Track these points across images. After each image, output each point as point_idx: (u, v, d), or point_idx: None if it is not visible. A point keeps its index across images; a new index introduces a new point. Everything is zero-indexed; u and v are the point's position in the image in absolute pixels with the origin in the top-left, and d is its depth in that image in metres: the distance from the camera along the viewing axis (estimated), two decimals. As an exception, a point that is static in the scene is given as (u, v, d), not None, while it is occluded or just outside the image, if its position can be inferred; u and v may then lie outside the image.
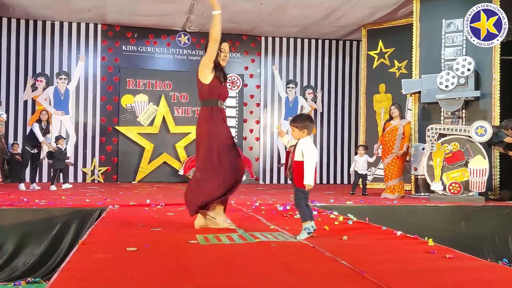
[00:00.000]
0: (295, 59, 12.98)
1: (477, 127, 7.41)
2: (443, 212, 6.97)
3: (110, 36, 11.99)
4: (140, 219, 4.80)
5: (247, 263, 2.85)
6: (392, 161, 8.19)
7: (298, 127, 3.76)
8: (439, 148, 7.65)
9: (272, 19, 11.22)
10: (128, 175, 11.94)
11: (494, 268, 2.78)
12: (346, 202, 6.92)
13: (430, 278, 2.51)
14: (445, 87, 8.39)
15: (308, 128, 3.76)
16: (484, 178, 7.33)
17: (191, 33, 12.38)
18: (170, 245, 3.42)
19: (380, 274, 2.49)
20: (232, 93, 12.56)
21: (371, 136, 11.20)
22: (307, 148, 3.70)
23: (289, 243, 3.46)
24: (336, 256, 2.93)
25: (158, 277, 2.50)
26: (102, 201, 6.43)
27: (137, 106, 12.10)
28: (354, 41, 13.10)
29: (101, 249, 3.15)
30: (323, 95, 13.12)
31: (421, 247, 3.36)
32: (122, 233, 3.89)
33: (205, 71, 4.13)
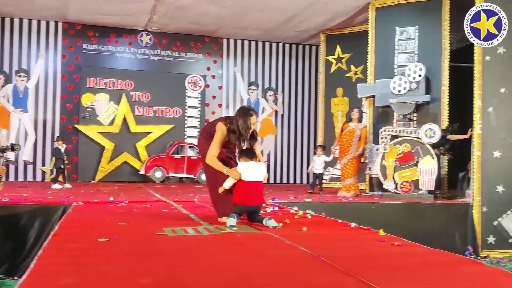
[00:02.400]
0: (257, 61, 13.29)
1: (426, 129, 7.90)
2: (395, 209, 7.41)
3: (71, 34, 11.92)
4: (106, 214, 4.93)
5: (215, 249, 3.08)
6: (348, 161, 8.60)
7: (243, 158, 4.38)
8: (392, 149, 8.10)
9: (235, 22, 11.47)
10: (88, 174, 11.89)
11: (436, 252, 3.11)
12: (305, 200, 7.24)
13: (378, 260, 2.82)
14: (398, 91, 8.87)
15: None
16: (433, 177, 7.82)
17: (153, 33, 12.47)
18: (140, 236, 3.60)
19: (334, 258, 2.76)
20: (194, 93, 12.73)
21: (328, 138, 11.62)
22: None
23: (254, 234, 3.71)
24: (296, 243, 3.20)
25: (135, 261, 2.69)
26: (65, 199, 6.48)
27: (97, 105, 12.07)
28: (313, 46, 13.52)
29: (73, 240, 3.30)
30: (284, 97, 13.48)
31: (373, 237, 3.67)
32: (91, 226, 4.03)
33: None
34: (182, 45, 12.72)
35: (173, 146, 11.97)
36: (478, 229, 7.63)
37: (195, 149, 12.01)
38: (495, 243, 7.63)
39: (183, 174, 11.88)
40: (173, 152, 11.90)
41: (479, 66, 7.70)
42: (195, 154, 11.90)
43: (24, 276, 2.26)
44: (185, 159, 11.86)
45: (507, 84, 7.64)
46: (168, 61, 12.68)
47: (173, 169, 11.83)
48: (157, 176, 11.65)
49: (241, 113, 4.39)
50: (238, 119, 4.33)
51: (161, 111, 12.49)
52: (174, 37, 12.61)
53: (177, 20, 11.48)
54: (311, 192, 9.13)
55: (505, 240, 7.60)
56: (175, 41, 12.65)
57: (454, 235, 7.62)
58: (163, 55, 12.63)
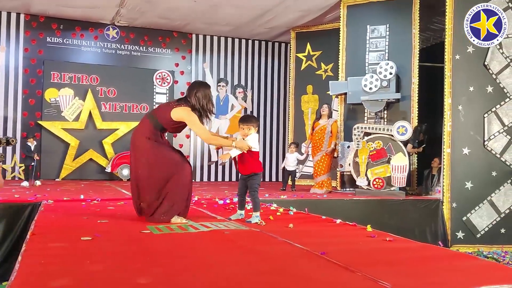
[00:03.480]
0: (226, 58, 13.15)
1: (398, 126, 8.01)
2: (368, 206, 7.47)
3: (34, 27, 11.44)
4: (81, 212, 4.73)
5: (206, 247, 2.97)
6: (321, 158, 8.61)
7: (254, 126, 4.43)
8: (364, 146, 8.16)
9: (205, 17, 11.29)
10: (51, 172, 11.45)
11: (429, 247, 3.12)
12: (280, 197, 7.18)
13: (376, 256, 2.78)
14: (369, 89, 8.94)
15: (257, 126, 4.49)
16: (404, 174, 7.93)
17: (120, 27, 12.13)
18: (123, 234, 3.45)
19: (334, 253, 2.71)
20: (162, 89, 12.48)
21: (299, 135, 11.63)
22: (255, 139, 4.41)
23: (242, 231, 3.62)
24: (289, 240, 3.13)
25: (124, 259, 2.55)
26: (33, 197, 6.19)
27: (61, 101, 11.64)
28: (282, 43, 13.50)
29: (54, 239, 3.12)
30: (253, 94, 13.40)
31: (361, 232, 3.65)
32: (69, 224, 3.84)
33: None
34: (150, 40, 12.43)
35: (141, 143, 11.67)
36: (448, 225, 7.79)
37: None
38: (464, 238, 7.82)
39: (151, 172, 11.59)
40: (141, 149, 11.60)
41: (449, 64, 7.86)
42: (163, 151, 11.65)
43: (12, 278, 2.09)
44: (153, 156, 11.58)
45: (475, 82, 7.83)
46: (136, 56, 12.38)
47: (141, 167, 11.53)
48: (124, 173, 11.36)
49: (197, 85, 4.20)
50: (196, 93, 4.10)
51: (128, 107, 12.18)
52: (141, 31, 12.31)
53: (146, 14, 11.20)
54: (283, 189, 9.09)
55: (473, 235, 7.80)
56: (142, 35, 12.36)
57: (425, 230, 7.75)
58: (130, 50, 12.32)
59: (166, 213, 3.98)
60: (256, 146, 4.36)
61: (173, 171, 4.02)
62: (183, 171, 4.08)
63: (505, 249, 7.73)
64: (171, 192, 4.00)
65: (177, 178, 4.02)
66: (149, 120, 4.13)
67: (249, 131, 4.41)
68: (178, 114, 4.02)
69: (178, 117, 4.03)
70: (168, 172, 4.00)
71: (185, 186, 4.08)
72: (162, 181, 3.98)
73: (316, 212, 6.07)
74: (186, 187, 4.09)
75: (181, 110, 4.02)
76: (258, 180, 4.36)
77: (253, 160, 4.36)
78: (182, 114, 4.02)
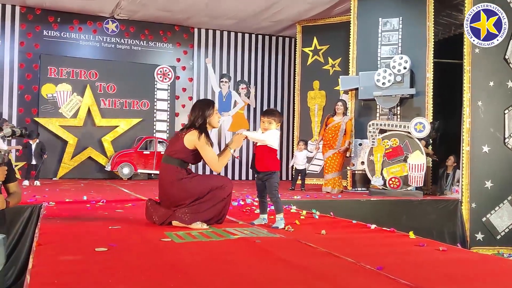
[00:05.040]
0: (229, 53, 12.74)
1: (416, 123, 7.64)
2: (385, 206, 7.10)
3: (30, 19, 10.99)
4: (88, 216, 4.33)
5: (241, 259, 2.58)
6: (333, 155, 8.22)
7: (276, 120, 4.06)
8: (380, 144, 7.80)
9: (208, 10, 10.88)
10: (48, 171, 11.01)
11: (489, 259, 2.75)
12: (293, 197, 6.81)
13: (438, 270, 2.41)
14: (382, 84, 8.58)
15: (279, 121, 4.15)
16: (422, 173, 7.57)
17: (120, 20, 11.70)
18: (142, 243, 3.06)
19: (392, 268, 2.34)
20: (163, 85, 12.07)
21: (305, 132, 11.26)
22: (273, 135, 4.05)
23: (273, 239, 3.23)
24: (330, 250, 2.75)
25: (150, 276, 2.17)
26: (32, 198, 5.78)
27: (59, 96, 11.21)
28: (287, 38, 13.12)
29: (65, 250, 2.73)
30: (257, 91, 13.01)
31: (406, 240, 3.29)
32: (78, 231, 3.43)
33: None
34: (150, 34, 12.02)
35: (142, 140, 11.29)
36: (467, 226, 7.46)
37: (165, 144, 11.39)
38: (484, 240, 7.49)
39: (152, 170, 11.22)
40: (142, 147, 11.23)
41: (468, 58, 7.51)
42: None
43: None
44: (154, 154, 11.21)
45: (495, 77, 7.49)
46: (136, 50, 11.95)
47: (142, 165, 11.16)
48: (124, 172, 10.95)
49: (197, 104, 4.01)
50: (193, 113, 3.91)
51: (128, 103, 11.76)
52: (142, 25, 11.89)
53: (147, 7, 10.78)
54: (292, 188, 8.70)
55: (493, 236, 7.47)
56: (143, 29, 11.93)
57: (444, 232, 7.40)
58: (130, 44, 11.89)
59: (191, 215, 3.62)
60: (274, 143, 4.03)
61: (215, 185, 3.82)
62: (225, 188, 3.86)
63: (526, 251, 7.41)
64: (207, 201, 3.73)
65: (218, 192, 3.79)
66: (167, 162, 3.85)
67: (270, 125, 4.05)
68: (188, 139, 3.81)
69: (190, 143, 3.81)
70: (211, 185, 3.81)
71: (222, 201, 3.84)
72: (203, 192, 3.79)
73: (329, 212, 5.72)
74: (222, 202, 3.84)
75: (190, 135, 3.81)
76: (276, 179, 4.03)
77: (271, 157, 4.03)
78: (192, 137, 3.80)
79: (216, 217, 3.80)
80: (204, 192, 3.75)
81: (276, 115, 4.10)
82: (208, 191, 3.76)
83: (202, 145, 3.77)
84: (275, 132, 4.07)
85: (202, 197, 3.74)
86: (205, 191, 3.76)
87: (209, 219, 3.74)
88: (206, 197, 3.75)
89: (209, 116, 3.89)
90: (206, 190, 3.76)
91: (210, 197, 3.76)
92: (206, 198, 3.75)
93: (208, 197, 3.76)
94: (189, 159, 3.85)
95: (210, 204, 3.75)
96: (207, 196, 3.76)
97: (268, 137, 3.99)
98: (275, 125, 4.08)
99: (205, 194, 3.75)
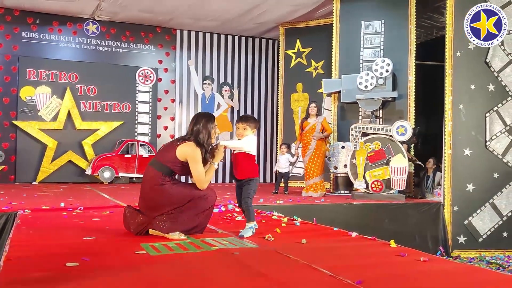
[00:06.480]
0: (212, 54, 12.63)
1: (398, 126, 7.63)
2: (367, 210, 7.08)
3: (8, 21, 10.76)
4: (62, 226, 4.21)
5: (218, 274, 2.50)
6: (312, 159, 8.14)
7: (250, 126, 4.08)
8: (362, 147, 7.78)
9: (192, 11, 10.75)
10: (27, 175, 10.81)
11: (474, 269, 2.71)
12: (276, 202, 6.75)
13: (422, 284, 2.36)
14: (365, 87, 8.58)
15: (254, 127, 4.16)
16: (404, 176, 7.57)
17: (101, 21, 11.53)
18: (115, 257, 2.96)
19: (372, 282, 2.28)
20: (145, 87, 11.92)
21: (288, 135, 11.21)
22: (249, 140, 4.05)
23: (252, 250, 3.16)
24: (309, 262, 2.69)
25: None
26: (8, 206, 5.62)
27: (38, 99, 11.00)
28: (270, 40, 13.06)
29: (35, 266, 2.62)
30: (240, 93, 12.92)
31: (386, 249, 3.24)
32: (50, 244, 3.32)
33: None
34: (132, 35, 11.86)
35: (123, 144, 11.13)
36: (449, 229, 7.48)
37: (147, 147, 11.25)
38: (465, 242, 7.52)
39: (134, 174, 11.07)
40: (123, 151, 11.07)
41: (450, 61, 7.53)
42: (146, 153, 11.14)
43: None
44: (136, 158, 11.06)
45: (477, 80, 7.52)
46: (117, 52, 11.78)
47: (123, 169, 11.00)
48: (105, 176, 10.79)
49: (199, 117, 3.88)
50: (195, 126, 3.80)
51: (109, 106, 11.59)
52: (123, 26, 11.73)
53: (128, 8, 10.63)
54: (275, 192, 8.65)
55: (475, 239, 7.50)
56: (124, 31, 11.77)
57: (426, 235, 7.42)
58: (111, 46, 11.72)
59: (169, 224, 3.55)
60: (252, 149, 4.02)
61: (197, 194, 3.72)
62: (208, 198, 3.78)
63: (507, 254, 7.45)
64: (187, 210, 3.64)
65: (199, 201, 3.70)
66: (153, 167, 3.76)
67: (245, 131, 4.04)
68: (182, 150, 3.69)
69: (182, 155, 3.69)
70: (192, 194, 3.71)
71: (203, 213, 3.75)
72: (184, 200, 3.68)
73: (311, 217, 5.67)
74: (203, 214, 3.75)
75: (185, 146, 3.70)
76: (253, 186, 3.98)
77: (248, 164, 4.01)
78: (186, 149, 3.68)
79: (195, 229, 3.71)
80: (184, 201, 3.66)
81: (251, 121, 4.08)
82: (189, 200, 3.67)
83: (194, 158, 3.67)
84: (252, 138, 4.04)
85: (182, 205, 3.65)
86: (185, 200, 3.66)
87: (187, 230, 3.65)
88: (187, 206, 3.66)
89: (211, 130, 3.83)
90: (187, 199, 3.67)
91: (190, 206, 3.67)
92: (186, 207, 3.66)
93: (189, 206, 3.67)
94: (177, 169, 3.75)
95: (190, 214, 3.66)
96: (188, 205, 3.67)
97: (244, 143, 3.96)
98: (250, 131, 4.07)
99: (185, 202, 3.66)
